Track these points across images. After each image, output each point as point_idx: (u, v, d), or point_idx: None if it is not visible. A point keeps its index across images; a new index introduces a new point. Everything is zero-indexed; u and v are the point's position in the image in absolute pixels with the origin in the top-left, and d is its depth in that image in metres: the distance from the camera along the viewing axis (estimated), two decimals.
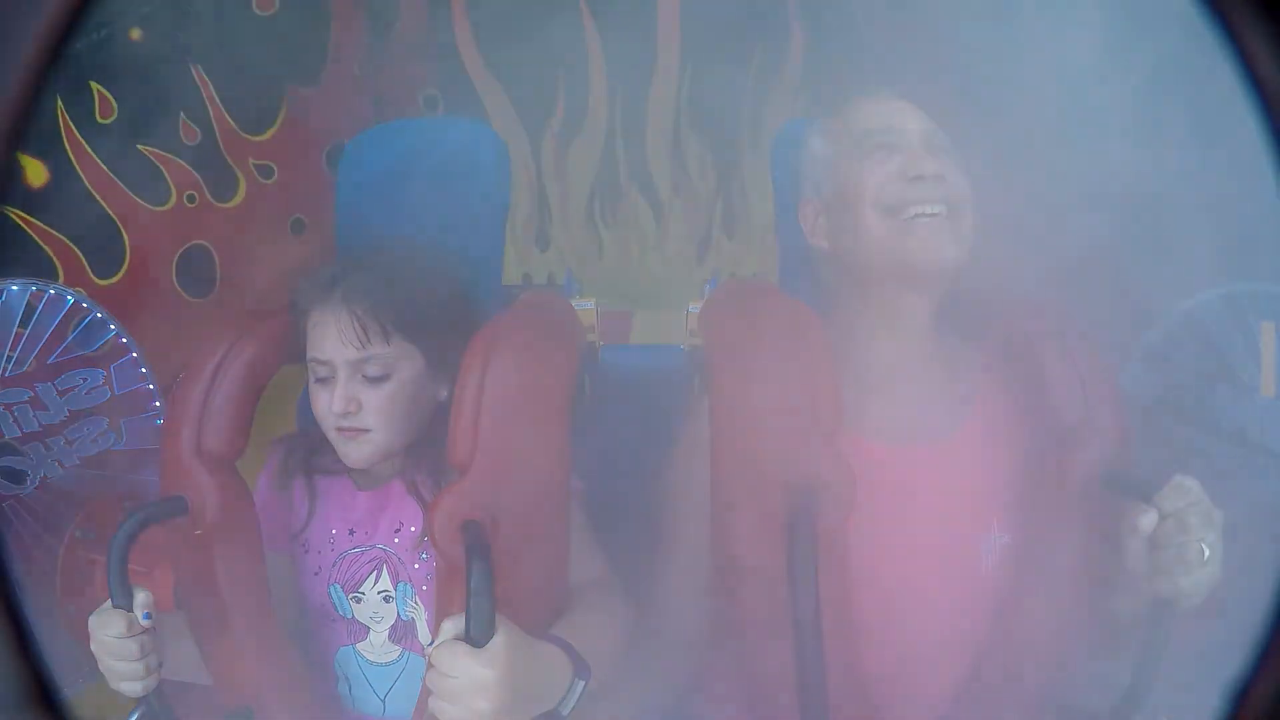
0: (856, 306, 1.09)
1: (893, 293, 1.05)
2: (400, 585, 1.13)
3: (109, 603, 0.92)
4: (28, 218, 1.46)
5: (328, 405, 1.08)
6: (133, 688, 0.93)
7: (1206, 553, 0.86)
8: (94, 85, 1.58)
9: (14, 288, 1.32)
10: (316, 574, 1.15)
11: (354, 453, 1.10)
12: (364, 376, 1.08)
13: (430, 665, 0.80)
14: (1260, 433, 1.20)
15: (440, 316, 1.12)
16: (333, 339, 1.07)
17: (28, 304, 1.33)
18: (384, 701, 1.15)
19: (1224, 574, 0.89)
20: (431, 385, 1.13)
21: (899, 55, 2.15)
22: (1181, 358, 1.29)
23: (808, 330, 0.97)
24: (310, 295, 1.10)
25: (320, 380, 1.09)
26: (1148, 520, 0.87)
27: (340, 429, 1.09)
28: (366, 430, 1.08)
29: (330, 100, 2.26)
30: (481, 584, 0.79)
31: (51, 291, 1.36)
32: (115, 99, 1.60)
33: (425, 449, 1.14)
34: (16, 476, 1.36)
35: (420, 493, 1.13)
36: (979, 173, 1.07)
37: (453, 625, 0.81)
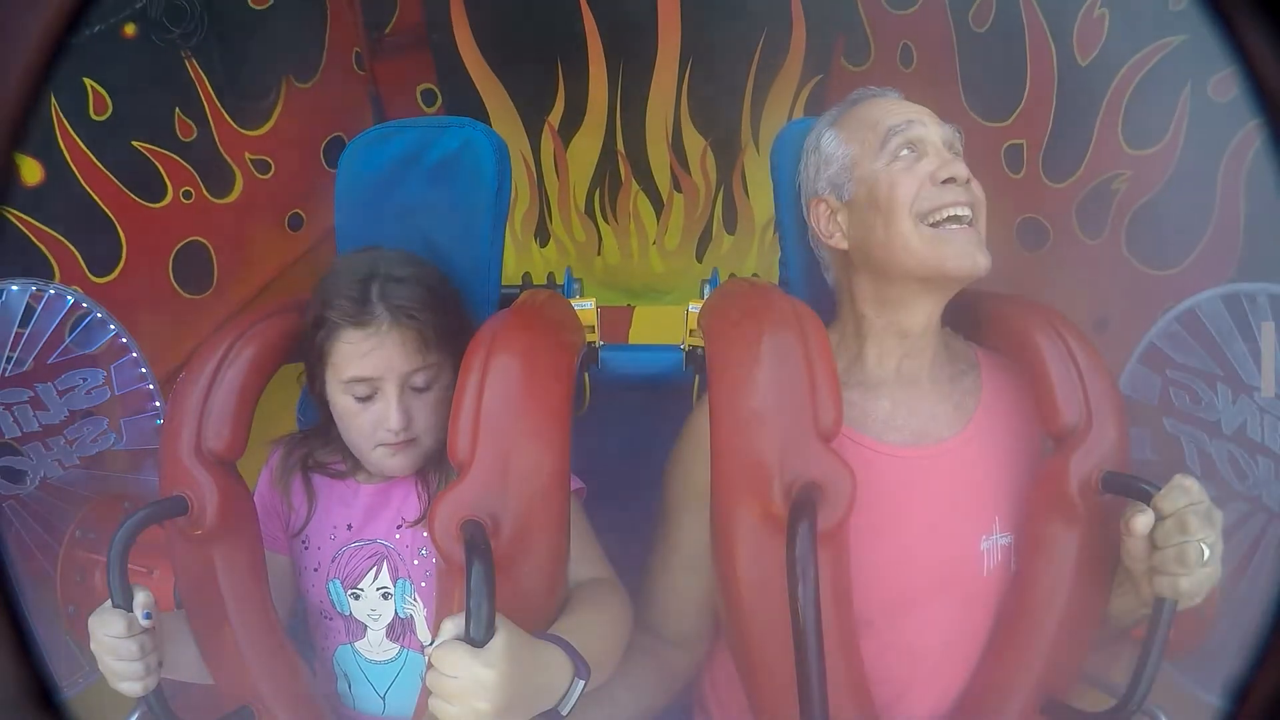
0: (865, 306, 1.08)
1: (912, 293, 1.05)
2: (399, 582, 1.14)
3: (109, 603, 0.92)
4: (23, 216, 1.45)
5: (376, 422, 1.07)
6: (132, 688, 0.93)
7: (1206, 553, 0.85)
8: (88, 82, 1.56)
9: (14, 288, 1.32)
10: (316, 570, 1.16)
11: (399, 464, 1.10)
12: (411, 388, 1.08)
13: (430, 665, 0.80)
14: (1260, 433, 1.20)
15: (462, 321, 1.13)
16: (384, 354, 1.05)
17: (27, 304, 1.32)
18: (384, 700, 1.16)
19: (1224, 574, 0.89)
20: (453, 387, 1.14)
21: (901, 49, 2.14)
22: (1181, 358, 1.29)
23: (808, 330, 0.97)
24: (346, 313, 1.05)
25: (361, 400, 1.08)
26: (1145, 521, 0.87)
27: (388, 444, 1.08)
28: (414, 440, 1.09)
29: (327, 94, 2.24)
30: (481, 584, 0.79)
31: (51, 291, 1.35)
32: (109, 95, 1.59)
33: None
34: (16, 476, 1.35)
35: (426, 486, 1.13)
36: (981, 172, 1.06)
37: (453, 625, 0.81)
